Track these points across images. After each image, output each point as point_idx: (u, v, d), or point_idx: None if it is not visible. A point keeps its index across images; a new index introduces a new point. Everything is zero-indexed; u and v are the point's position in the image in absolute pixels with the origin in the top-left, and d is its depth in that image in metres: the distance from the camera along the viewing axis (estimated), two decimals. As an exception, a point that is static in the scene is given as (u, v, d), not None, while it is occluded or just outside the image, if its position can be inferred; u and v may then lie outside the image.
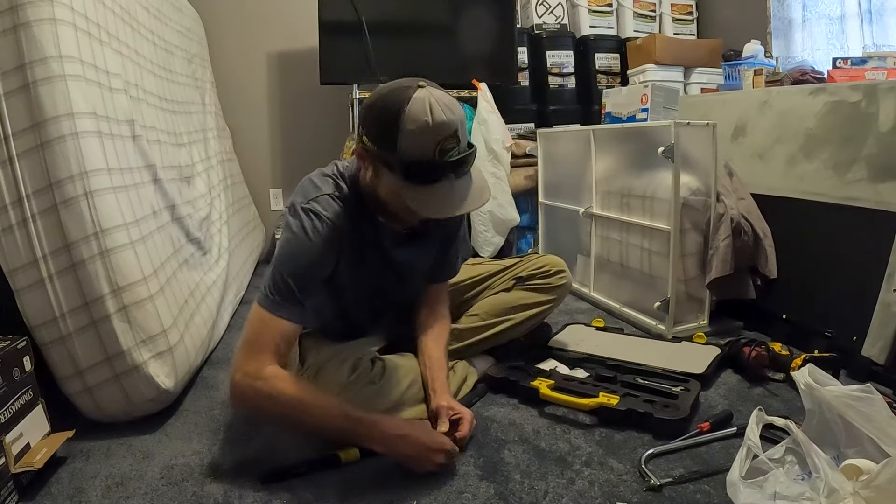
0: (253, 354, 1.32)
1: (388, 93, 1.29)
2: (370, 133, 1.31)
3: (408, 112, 1.24)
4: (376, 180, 1.37)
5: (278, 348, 1.34)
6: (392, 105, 1.26)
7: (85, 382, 1.47)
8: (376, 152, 1.31)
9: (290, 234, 1.37)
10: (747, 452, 1.14)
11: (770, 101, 2.16)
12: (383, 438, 1.32)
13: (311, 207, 1.38)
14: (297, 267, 1.35)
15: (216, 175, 2.73)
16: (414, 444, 1.32)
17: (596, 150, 2.50)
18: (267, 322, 1.34)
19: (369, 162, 1.36)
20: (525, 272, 1.86)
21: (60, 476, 1.35)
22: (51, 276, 1.43)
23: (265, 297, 1.35)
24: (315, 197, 1.39)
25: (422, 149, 1.26)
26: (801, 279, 2.01)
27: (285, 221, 1.40)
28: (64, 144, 1.44)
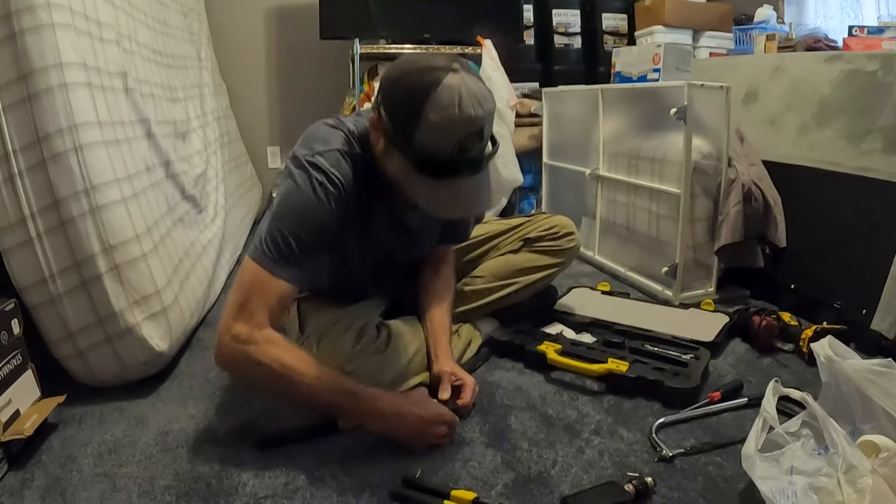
0: (244, 316, 1.20)
1: (416, 71, 1.16)
2: (388, 109, 1.20)
3: (434, 99, 1.12)
4: (386, 156, 1.26)
5: (272, 312, 1.22)
6: (419, 87, 1.13)
7: (76, 345, 1.43)
8: (391, 132, 1.20)
9: (295, 188, 1.24)
10: (763, 425, 1.11)
11: (783, 66, 2.10)
12: (380, 416, 1.25)
13: (317, 162, 1.24)
14: (301, 225, 1.22)
15: (212, 132, 2.66)
16: (412, 421, 1.25)
17: (604, 110, 2.44)
18: (262, 282, 1.21)
19: (381, 135, 1.24)
20: (534, 233, 1.81)
21: (51, 443, 1.31)
22: (39, 235, 1.37)
23: (262, 253, 1.22)
24: (322, 151, 1.26)
25: (441, 144, 1.16)
26: (811, 249, 1.98)
27: (287, 172, 1.28)
28: (52, 96, 1.36)
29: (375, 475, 1.20)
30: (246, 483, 1.17)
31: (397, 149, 1.20)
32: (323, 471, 1.21)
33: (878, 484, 0.93)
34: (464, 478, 1.19)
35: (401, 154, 1.20)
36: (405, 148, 1.18)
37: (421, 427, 1.25)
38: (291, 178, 1.26)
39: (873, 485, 0.93)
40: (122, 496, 1.13)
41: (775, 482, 1.00)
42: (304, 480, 1.18)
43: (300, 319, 1.55)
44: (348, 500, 1.13)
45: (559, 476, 1.20)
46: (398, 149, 1.20)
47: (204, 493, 1.14)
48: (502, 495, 1.14)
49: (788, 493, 0.97)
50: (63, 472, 1.21)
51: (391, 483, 1.17)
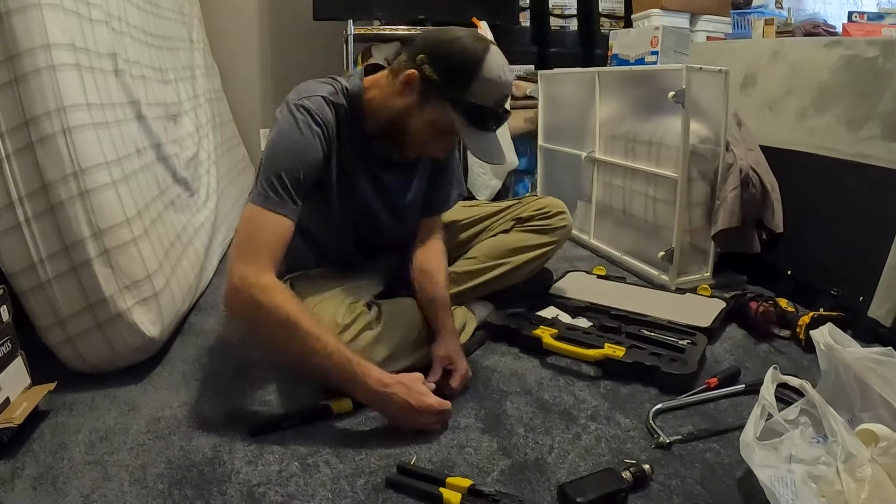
0: (249, 256, 1.25)
1: (464, 37, 1.35)
2: (439, 66, 1.33)
3: (487, 62, 1.32)
4: (415, 109, 1.38)
5: (274, 248, 1.28)
6: (473, 50, 1.32)
7: (66, 332, 1.41)
8: (440, 85, 1.33)
9: (282, 130, 1.34)
10: (762, 412, 1.10)
11: (782, 51, 2.08)
12: (367, 391, 1.25)
13: (303, 104, 1.35)
14: (290, 161, 1.31)
15: (204, 114, 2.63)
16: (398, 405, 1.24)
17: (601, 92, 2.42)
18: (261, 220, 1.28)
19: (418, 90, 1.36)
20: (525, 213, 1.82)
21: (42, 431, 1.29)
22: (28, 220, 1.34)
23: (258, 195, 1.29)
24: (308, 96, 1.38)
25: (490, 97, 1.35)
26: (808, 235, 1.97)
27: (277, 118, 1.37)
28: (40, 78, 1.33)
29: (370, 461, 1.19)
30: (239, 470, 1.16)
31: (446, 100, 1.34)
32: (317, 457, 1.20)
33: (877, 473, 0.93)
34: (459, 464, 1.19)
35: (450, 105, 1.35)
36: (456, 99, 1.34)
37: (406, 413, 1.25)
38: (277, 122, 1.36)
39: (872, 474, 0.92)
40: (113, 484, 1.12)
41: (774, 470, 0.99)
42: (297, 467, 1.17)
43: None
44: (342, 486, 1.12)
45: (556, 463, 1.19)
46: (447, 100, 1.34)
47: (197, 481, 1.13)
48: (498, 482, 1.13)
49: (787, 482, 0.96)
50: (54, 461, 1.19)
51: (386, 470, 1.16)
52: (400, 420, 1.27)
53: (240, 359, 1.63)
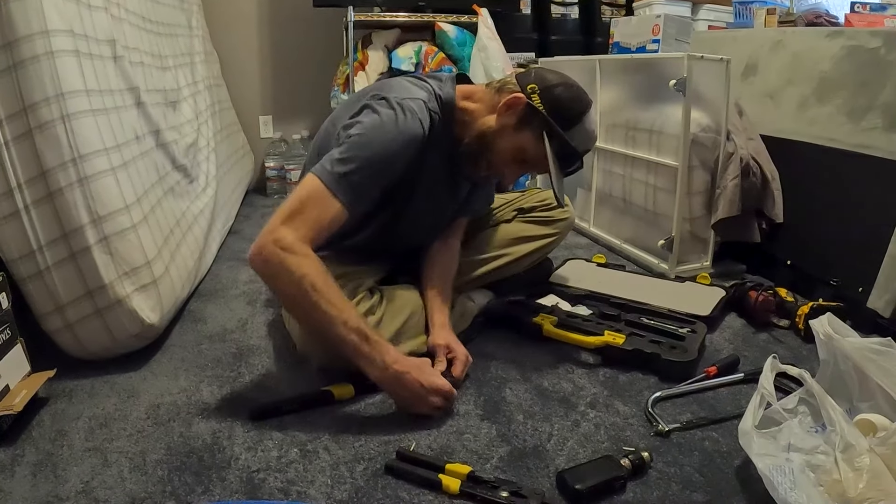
0: (292, 223, 1.24)
1: (576, 86, 1.44)
2: (548, 102, 1.39)
3: (589, 115, 1.42)
4: (509, 131, 1.41)
5: (321, 230, 1.27)
6: (582, 101, 1.42)
7: (65, 318, 1.41)
8: (545, 120, 1.38)
9: (379, 122, 1.31)
10: (760, 401, 1.10)
11: (784, 41, 2.07)
12: (383, 369, 1.25)
13: (406, 105, 1.34)
14: (378, 156, 1.30)
15: (203, 100, 2.62)
16: (411, 383, 1.25)
17: (602, 80, 2.40)
18: (320, 198, 1.26)
19: (519, 115, 1.40)
20: (527, 204, 1.84)
21: (42, 418, 1.29)
22: (27, 207, 1.33)
23: (329, 172, 1.27)
24: (411, 98, 1.37)
25: (581, 145, 1.43)
26: (808, 225, 1.96)
27: (369, 107, 1.35)
28: (38, 64, 1.32)
29: (369, 448, 1.19)
30: (238, 457, 1.17)
31: (544, 132, 1.39)
32: (316, 443, 1.21)
33: (875, 463, 0.93)
34: (458, 451, 1.19)
35: (547, 137, 1.39)
36: (556, 135, 1.39)
37: (418, 393, 1.26)
38: (377, 113, 1.33)
39: (870, 464, 0.92)
40: (113, 471, 1.12)
41: (772, 459, 0.99)
42: (297, 453, 1.18)
43: None
44: (342, 472, 1.12)
45: (555, 449, 1.19)
46: (546, 132, 1.39)
47: (196, 468, 1.14)
48: (497, 469, 1.14)
49: (785, 471, 0.96)
50: (54, 448, 1.19)
51: (385, 456, 1.17)
52: (408, 401, 1.27)
53: (239, 345, 1.63)
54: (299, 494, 1.07)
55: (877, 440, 0.98)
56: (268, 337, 1.67)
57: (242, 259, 2.32)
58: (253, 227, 2.80)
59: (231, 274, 2.17)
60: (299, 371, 1.48)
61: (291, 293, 1.25)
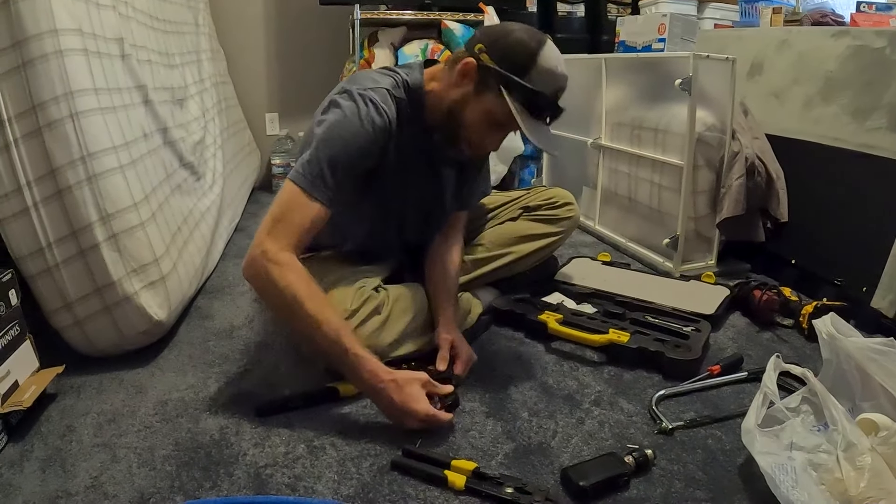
0: (276, 232, 1.28)
1: (520, 29, 1.36)
2: (496, 54, 1.34)
3: (543, 52, 1.33)
4: (472, 98, 1.38)
5: (305, 233, 1.30)
6: (530, 41, 1.34)
7: (74, 315, 1.42)
8: (498, 73, 1.33)
9: (342, 116, 1.33)
10: (763, 400, 1.10)
11: (790, 40, 2.07)
12: (360, 381, 1.25)
13: (368, 95, 1.35)
14: (344, 151, 1.32)
15: (210, 98, 2.63)
16: (386, 402, 1.23)
17: (607, 79, 2.41)
18: (298, 203, 1.29)
19: (475, 80, 1.37)
20: (532, 202, 1.84)
21: (51, 414, 1.30)
22: (36, 204, 1.35)
23: (301, 175, 1.30)
24: (373, 87, 1.38)
25: (546, 86, 1.35)
26: (812, 225, 1.97)
27: (334, 103, 1.36)
28: (47, 63, 1.33)
29: (376, 444, 1.20)
30: (246, 452, 1.18)
31: (503, 86, 1.34)
32: (323, 440, 1.22)
33: (877, 462, 0.94)
34: (464, 447, 1.20)
35: (507, 91, 1.33)
36: (514, 84, 1.33)
37: (392, 412, 1.24)
38: (339, 108, 1.34)
39: (872, 463, 0.93)
40: (121, 466, 1.13)
41: (775, 457, 1.00)
42: (304, 449, 1.19)
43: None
44: (348, 468, 1.13)
45: (559, 447, 1.20)
46: (504, 86, 1.33)
47: (204, 463, 1.15)
48: (503, 465, 1.15)
49: (788, 469, 0.97)
50: (63, 443, 1.20)
51: (391, 452, 1.18)
52: (387, 415, 1.26)
53: (246, 342, 1.64)
54: (306, 490, 1.08)
55: (878, 439, 0.98)
56: (274, 334, 1.68)
57: (249, 256, 2.34)
58: (259, 224, 2.78)
59: (237, 271, 2.17)
60: (306, 368, 1.49)
61: (278, 304, 1.28)
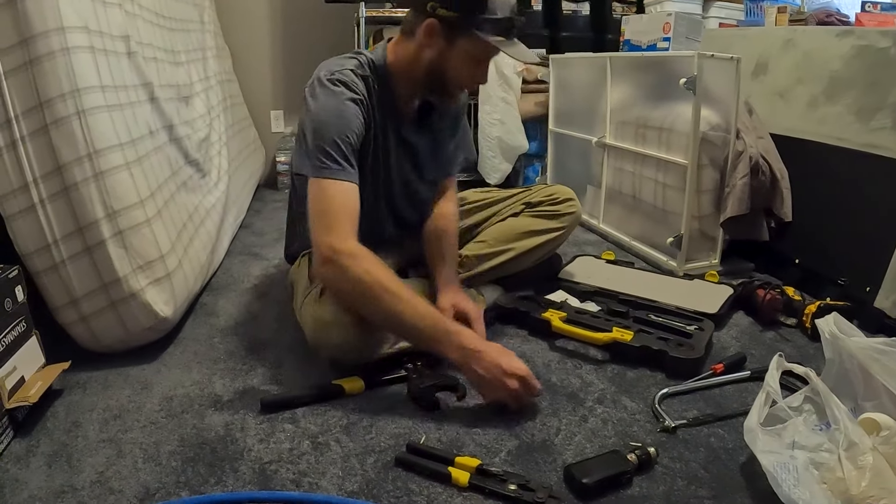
0: (330, 227, 1.33)
1: None
2: (451, 4, 1.39)
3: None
4: (448, 51, 1.44)
5: (351, 215, 1.35)
6: None
7: (80, 311, 1.43)
8: (460, 19, 1.40)
9: (323, 103, 1.40)
10: (766, 399, 1.11)
11: (794, 39, 2.07)
12: (461, 348, 1.27)
13: (336, 78, 1.42)
14: (339, 129, 1.38)
15: (215, 95, 2.63)
16: (489, 364, 1.25)
17: (612, 78, 2.41)
18: (330, 190, 1.35)
19: (442, 34, 1.42)
20: (534, 199, 1.85)
21: (56, 409, 1.31)
22: (42, 201, 1.35)
23: (316, 168, 1.36)
24: (338, 70, 1.44)
25: (505, 8, 1.42)
26: (816, 225, 1.96)
27: (311, 93, 1.42)
28: (54, 61, 1.34)
29: (380, 441, 1.21)
30: (251, 448, 1.18)
31: (474, 28, 1.40)
32: (327, 436, 1.22)
33: (878, 461, 0.94)
34: (468, 444, 1.20)
35: (478, 31, 1.41)
36: (481, 22, 1.40)
37: (494, 374, 1.25)
38: (314, 97, 1.41)
39: (873, 462, 0.94)
40: (127, 461, 1.14)
41: (777, 456, 1.00)
42: (308, 445, 1.19)
43: (309, 270, 1.57)
44: (352, 464, 1.14)
45: (562, 444, 1.21)
46: (475, 27, 1.40)
47: (209, 459, 1.15)
48: (506, 462, 1.15)
49: (790, 468, 0.97)
50: (68, 439, 1.21)
51: (395, 448, 1.18)
52: (486, 383, 1.27)
53: (251, 338, 1.64)
54: (311, 486, 1.09)
55: (880, 439, 0.99)
56: (279, 330, 1.69)
57: (254, 253, 2.35)
58: (264, 221, 2.82)
59: (242, 268, 2.19)
60: (311, 365, 1.49)
61: (362, 296, 1.31)
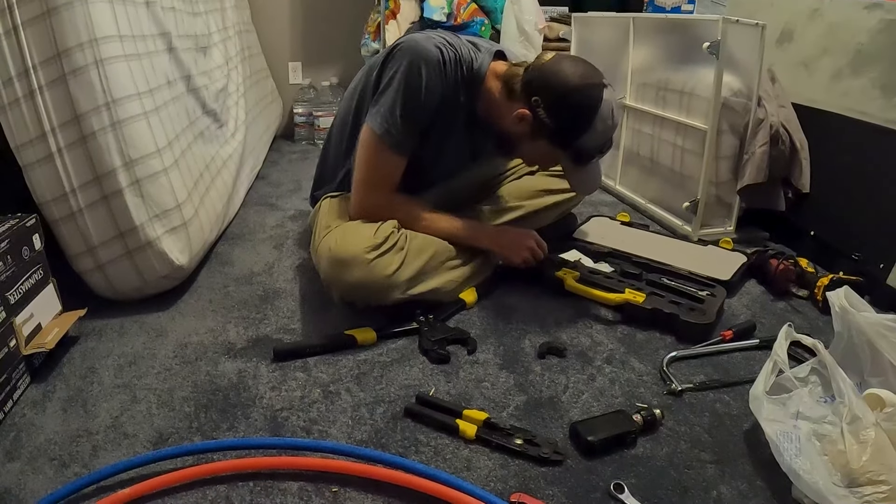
0: (376, 187, 1.54)
1: (583, 87, 1.41)
2: (554, 116, 1.43)
3: (600, 113, 1.40)
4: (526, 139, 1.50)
5: (394, 181, 1.54)
6: (590, 104, 1.40)
7: (97, 259, 1.45)
8: (553, 132, 1.45)
9: (417, 75, 1.44)
10: (773, 367, 1.11)
11: (822, 10, 2.01)
12: (488, 234, 1.63)
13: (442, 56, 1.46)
14: (419, 105, 1.46)
15: (233, 46, 2.62)
16: (511, 234, 1.64)
17: (635, 39, 2.36)
18: (383, 156, 1.50)
19: (532, 127, 1.47)
20: None
21: (72, 356, 1.34)
22: (60, 150, 1.36)
23: (387, 134, 1.47)
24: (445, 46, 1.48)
25: (595, 143, 1.46)
26: (834, 198, 1.94)
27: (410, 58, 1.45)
28: (72, 9, 1.33)
29: (390, 391, 1.24)
30: (263, 395, 1.21)
31: (557, 146, 1.48)
32: (338, 385, 1.25)
33: (880, 437, 0.94)
34: (476, 398, 1.23)
35: (559, 148, 1.48)
36: (566, 146, 1.47)
37: (517, 238, 1.63)
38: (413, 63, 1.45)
39: (875, 437, 0.94)
40: (141, 407, 1.17)
41: (780, 425, 1.01)
42: (319, 394, 1.22)
43: (330, 213, 1.60)
44: (362, 413, 1.17)
45: (569, 401, 1.22)
46: (558, 146, 1.48)
47: (222, 405, 1.18)
48: (513, 417, 1.17)
49: (792, 437, 0.98)
50: (84, 384, 1.24)
51: (405, 399, 1.21)
52: (509, 245, 1.62)
53: (265, 287, 1.66)
54: (321, 433, 1.11)
55: (884, 415, 0.99)
56: (294, 280, 1.71)
57: (270, 203, 2.36)
58: (280, 172, 2.83)
59: (258, 218, 2.21)
60: (324, 314, 1.52)
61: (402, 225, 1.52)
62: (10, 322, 1.18)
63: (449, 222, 1.58)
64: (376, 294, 1.42)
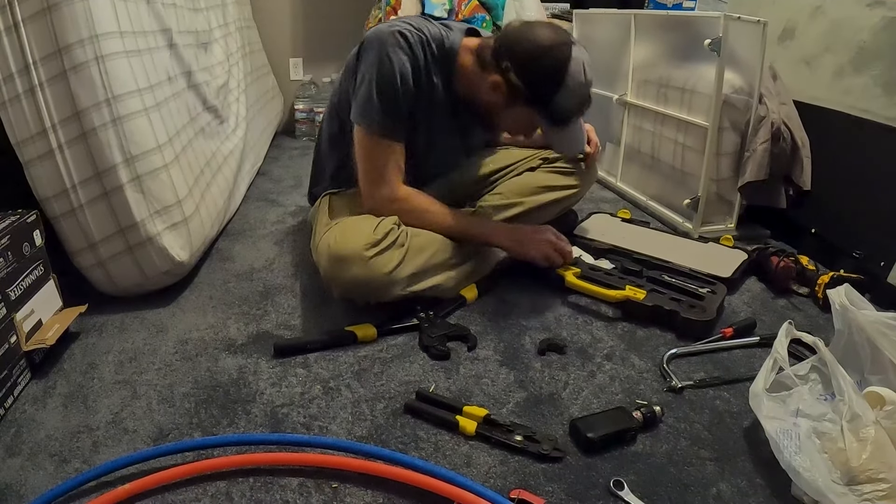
0: (381, 181, 1.52)
1: (550, 46, 1.43)
2: (524, 78, 1.45)
3: (570, 70, 1.42)
4: (502, 107, 1.53)
5: (399, 169, 1.53)
6: (557, 63, 1.42)
7: (97, 255, 1.45)
8: (526, 95, 1.46)
9: (386, 61, 1.45)
10: (773, 365, 1.11)
11: (824, 7, 2.01)
12: (500, 232, 1.62)
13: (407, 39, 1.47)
14: (396, 90, 1.46)
15: (234, 42, 2.62)
16: (526, 229, 1.63)
17: (636, 35, 2.36)
18: (380, 148, 1.50)
19: (506, 94, 1.48)
20: (552, 154, 1.85)
21: (73, 352, 1.34)
22: (61, 146, 1.36)
23: (374, 124, 1.47)
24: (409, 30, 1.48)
25: (571, 103, 1.48)
26: (835, 195, 1.93)
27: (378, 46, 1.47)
28: (72, 6, 1.33)
29: (390, 387, 1.24)
30: (263, 392, 1.21)
31: (534, 108, 1.49)
32: (338, 381, 1.25)
33: (880, 435, 0.94)
34: (476, 394, 1.23)
35: (531, 108, 1.50)
36: (542, 108, 1.49)
37: (530, 234, 1.62)
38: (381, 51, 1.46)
39: (875, 435, 0.94)
40: (142, 403, 1.17)
41: (780, 423, 1.01)
42: (319, 390, 1.22)
43: (330, 210, 1.60)
44: (362, 410, 1.17)
45: (570, 398, 1.22)
46: (534, 107, 1.49)
47: (222, 401, 1.18)
48: (513, 413, 1.17)
49: (792, 435, 0.98)
50: (84, 380, 1.24)
51: (405, 396, 1.21)
52: (527, 241, 1.61)
53: (266, 283, 1.67)
54: (321, 429, 1.11)
55: (884, 413, 0.99)
56: (294, 276, 1.71)
57: (270, 199, 2.36)
58: (281, 168, 2.83)
59: (259, 214, 2.21)
60: (324, 310, 1.52)
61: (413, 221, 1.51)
62: (10, 318, 1.18)
63: (460, 218, 1.59)
64: (376, 291, 1.41)
